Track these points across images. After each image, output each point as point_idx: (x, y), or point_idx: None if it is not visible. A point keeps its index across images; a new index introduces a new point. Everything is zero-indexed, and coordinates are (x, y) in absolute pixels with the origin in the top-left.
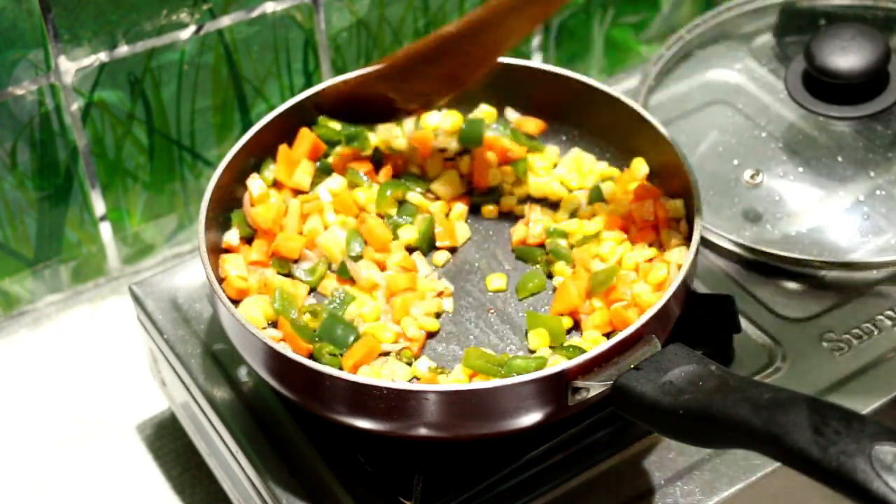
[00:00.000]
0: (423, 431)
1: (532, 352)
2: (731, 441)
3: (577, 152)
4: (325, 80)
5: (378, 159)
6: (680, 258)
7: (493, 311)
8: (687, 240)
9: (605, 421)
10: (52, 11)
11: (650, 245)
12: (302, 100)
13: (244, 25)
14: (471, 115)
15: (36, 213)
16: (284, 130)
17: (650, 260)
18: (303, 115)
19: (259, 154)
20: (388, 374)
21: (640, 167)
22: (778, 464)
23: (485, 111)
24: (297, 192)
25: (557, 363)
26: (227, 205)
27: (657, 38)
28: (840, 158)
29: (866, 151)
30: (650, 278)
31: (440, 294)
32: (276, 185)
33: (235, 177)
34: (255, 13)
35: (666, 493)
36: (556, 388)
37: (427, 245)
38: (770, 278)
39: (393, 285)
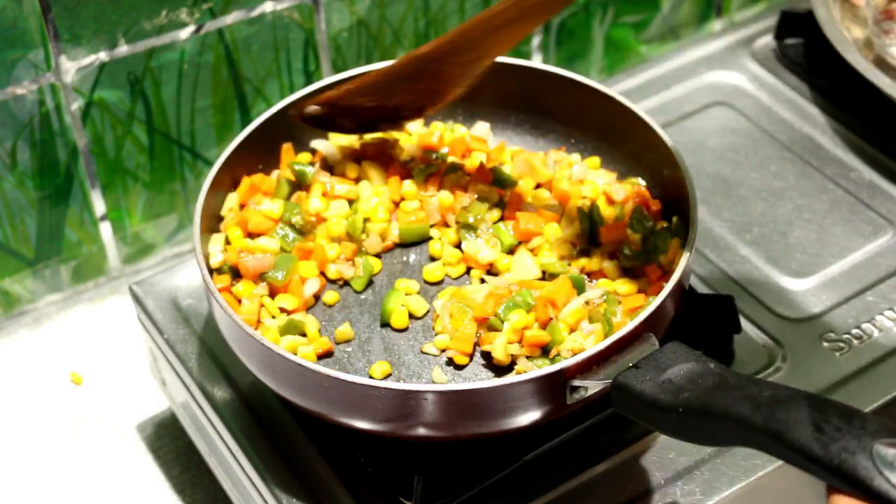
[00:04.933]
0: (422, 431)
1: None
2: (731, 439)
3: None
4: (325, 79)
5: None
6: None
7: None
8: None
9: (605, 421)
10: (52, 11)
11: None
12: (298, 98)
13: (244, 25)
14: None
15: (36, 212)
16: (281, 130)
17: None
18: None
19: (256, 153)
20: None
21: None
22: (778, 463)
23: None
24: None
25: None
26: (223, 205)
27: (657, 38)
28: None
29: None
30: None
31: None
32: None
33: (232, 177)
34: (255, 13)
35: (666, 493)
36: (554, 386)
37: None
38: (770, 278)
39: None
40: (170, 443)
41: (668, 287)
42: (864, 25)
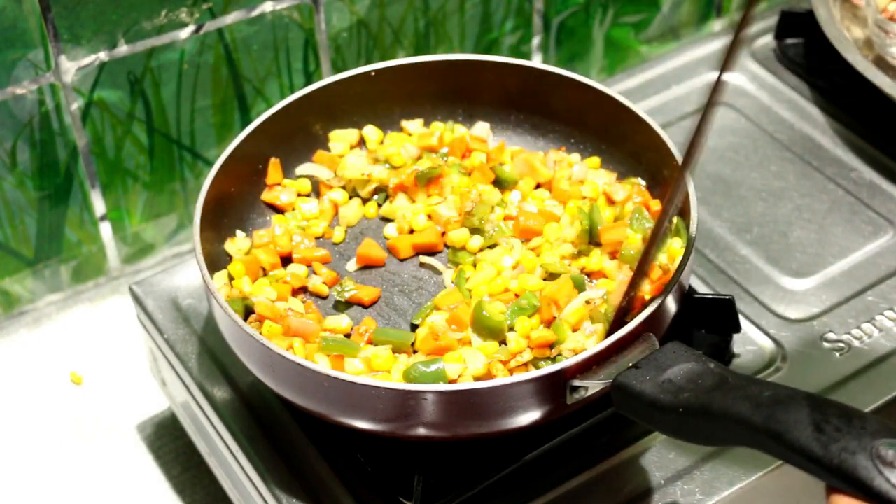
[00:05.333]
0: (422, 431)
1: None
2: (731, 439)
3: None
4: (325, 79)
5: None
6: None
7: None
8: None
9: (605, 421)
10: (52, 11)
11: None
12: (298, 98)
13: (244, 25)
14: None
15: (36, 212)
16: (281, 130)
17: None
18: (299, 115)
19: (256, 153)
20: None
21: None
22: (778, 463)
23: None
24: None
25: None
26: (223, 205)
27: (657, 38)
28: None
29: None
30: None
31: None
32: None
33: (231, 177)
34: (255, 13)
35: (666, 493)
36: (554, 387)
37: None
38: (770, 278)
39: None
40: (170, 443)
41: (669, 287)
42: (864, 25)
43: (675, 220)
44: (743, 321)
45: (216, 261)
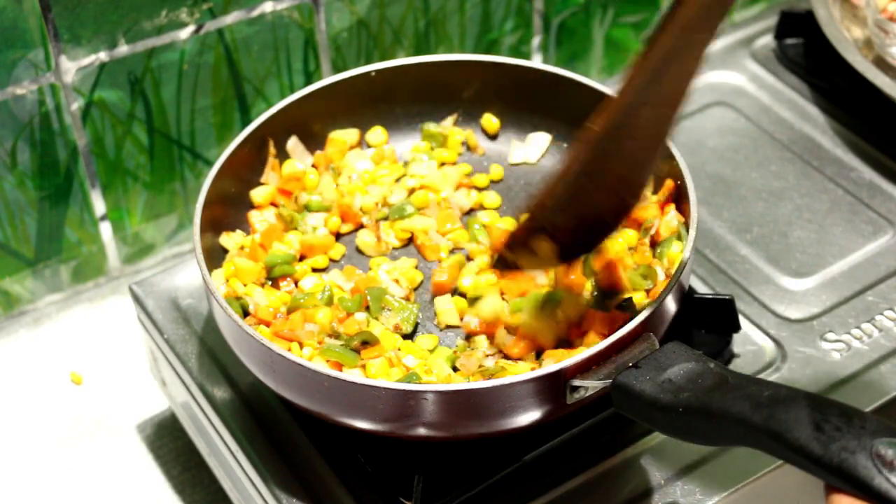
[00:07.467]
0: (422, 431)
1: None
2: (731, 438)
3: None
4: (325, 79)
5: None
6: (675, 258)
7: None
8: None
9: (605, 421)
10: (52, 11)
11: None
12: (298, 98)
13: (244, 25)
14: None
15: (36, 212)
16: (281, 129)
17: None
18: (299, 115)
19: (256, 153)
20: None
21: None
22: (778, 463)
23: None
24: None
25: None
26: (223, 205)
27: None
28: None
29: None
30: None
31: None
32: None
33: (232, 177)
34: (255, 13)
35: (666, 493)
36: (554, 386)
37: None
38: (770, 278)
39: None
40: (170, 443)
41: (669, 287)
42: (864, 25)
43: (676, 221)
44: (743, 321)
45: (216, 257)
